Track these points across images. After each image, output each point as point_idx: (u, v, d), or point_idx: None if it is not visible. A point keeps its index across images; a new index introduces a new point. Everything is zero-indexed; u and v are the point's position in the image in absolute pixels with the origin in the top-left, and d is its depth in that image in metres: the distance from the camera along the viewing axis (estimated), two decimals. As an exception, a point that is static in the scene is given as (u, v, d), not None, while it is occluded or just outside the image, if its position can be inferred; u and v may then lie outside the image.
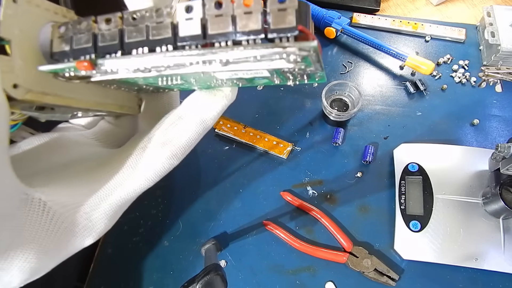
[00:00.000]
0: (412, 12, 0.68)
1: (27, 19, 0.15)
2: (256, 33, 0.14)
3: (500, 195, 0.42)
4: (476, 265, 0.44)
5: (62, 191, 0.17)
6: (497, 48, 0.56)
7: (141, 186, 0.19)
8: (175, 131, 0.18)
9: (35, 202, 0.15)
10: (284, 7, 0.13)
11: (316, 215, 0.48)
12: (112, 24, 0.16)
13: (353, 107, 0.53)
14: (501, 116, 0.55)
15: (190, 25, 0.15)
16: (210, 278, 0.34)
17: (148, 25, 0.15)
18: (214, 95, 0.19)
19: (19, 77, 0.15)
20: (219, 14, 0.14)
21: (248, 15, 0.14)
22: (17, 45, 0.15)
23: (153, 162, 0.18)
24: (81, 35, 0.16)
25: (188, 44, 0.15)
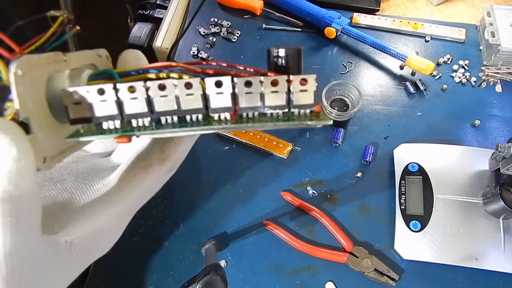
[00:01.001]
0: (412, 12, 0.68)
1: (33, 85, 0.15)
2: (281, 108, 0.17)
3: (500, 195, 0.42)
4: (476, 265, 0.44)
5: (81, 225, 0.18)
6: (497, 48, 0.56)
7: (145, 199, 0.21)
8: (171, 147, 0.20)
9: (63, 245, 0.17)
10: (305, 89, 0.16)
11: (316, 215, 0.48)
12: (137, 93, 0.16)
13: (353, 107, 0.53)
14: (501, 116, 0.55)
15: (221, 98, 0.16)
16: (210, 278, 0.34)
17: (177, 96, 0.16)
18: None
19: (44, 149, 0.15)
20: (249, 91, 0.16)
21: (275, 94, 0.16)
22: (35, 119, 0.15)
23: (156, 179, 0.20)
24: (103, 102, 0.16)
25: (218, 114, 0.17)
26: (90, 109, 0.16)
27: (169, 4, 0.67)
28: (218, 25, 0.66)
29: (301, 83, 0.16)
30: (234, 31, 0.65)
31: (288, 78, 0.16)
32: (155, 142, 0.20)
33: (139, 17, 0.68)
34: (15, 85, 0.14)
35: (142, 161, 0.20)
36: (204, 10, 0.66)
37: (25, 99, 0.14)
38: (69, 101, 0.16)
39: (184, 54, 0.63)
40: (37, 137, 0.15)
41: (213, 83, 0.16)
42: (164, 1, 0.68)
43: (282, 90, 0.16)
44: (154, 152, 0.20)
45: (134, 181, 0.20)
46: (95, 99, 0.16)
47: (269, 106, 0.16)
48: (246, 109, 0.16)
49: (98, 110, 0.16)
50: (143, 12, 0.68)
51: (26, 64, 0.15)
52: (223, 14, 0.67)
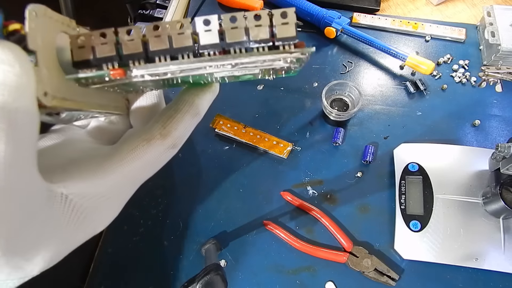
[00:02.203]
0: (412, 12, 0.68)
1: (45, 30, 0.17)
2: (265, 41, 0.18)
3: (500, 195, 0.42)
4: (476, 265, 0.44)
5: (80, 183, 0.18)
6: (497, 48, 0.56)
7: (148, 175, 0.22)
8: (173, 123, 0.21)
9: (58, 196, 0.17)
10: (286, 21, 0.17)
11: (316, 215, 0.48)
12: (134, 34, 0.18)
13: (353, 107, 0.53)
14: (501, 116, 0.55)
15: (209, 35, 0.18)
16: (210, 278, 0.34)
17: (170, 35, 0.18)
18: (203, 90, 0.22)
19: (47, 85, 0.16)
20: (235, 26, 0.18)
21: (259, 27, 0.18)
22: (41, 56, 0.16)
23: (158, 153, 0.21)
24: (104, 45, 0.17)
25: (208, 51, 0.18)
26: (92, 52, 0.17)
27: (169, 4, 0.67)
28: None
29: (282, 16, 0.17)
30: (234, 31, 0.65)
31: (269, 12, 0.17)
32: (157, 119, 0.21)
33: (139, 17, 0.68)
34: (28, 20, 0.15)
35: (144, 134, 0.20)
36: (204, 10, 0.66)
37: (35, 35, 0.16)
38: (74, 45, 0.17)
39: (184, 54, 0.63)
40: (41, 71, 0.16)
41: (202, 21, 0.18)
42: (164, 1, 0.68)
43: (265, 24, 0.17)
44: (156, 128, 0.21)
45: (135, 152, 0.20)
46: (97, 42, 0.17)
47: (254, 40, 0.18)
48: (232, 44, 0.18)
49: (99, 52, 0.17)
50: (143, 12, 0.68)
51: (41, 10, 0.16)
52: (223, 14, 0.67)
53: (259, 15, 0.17)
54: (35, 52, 0.16)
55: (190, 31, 0.18)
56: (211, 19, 0.18)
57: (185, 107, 0.21)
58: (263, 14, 0.17)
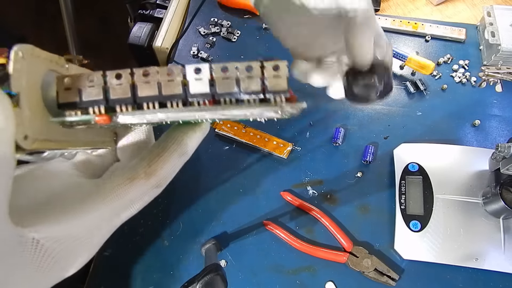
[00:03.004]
0: (412, 12, 0.68)
1: (31, 70, 0.17)
2: (256, 93, 0.17)
3: (500, 195, 0.42)
4: (476, 265, 0.44)
5: (52, 225, 0.17)
6: (497, 48, 0.56)
7: (128, 214, 0.20)
8: (159, 162, 0.20)
9: (29, 241, 0.16)
10: (278, 74, 0.17)
11: (316, 215, 0.48)
12: (123, 79, 0.17)
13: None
14: (501, 116, 0.55)
15: (199, 84, 0.17)
16: (210, 278, 0.34)
17: (159, 81, 0.17)
18: (193, 129, 0.21)
19: (28, 128, 0.16)
20: (226, 77, 0.17)
21: (250, 79, 0.17)
22: (25, 97, 0.16)
23: (141, 192, 0.20)
24: (91, 88, 0.17)
25: (197, 100, 0.18)
26: (78, 94, 0.17)
27: (169, 4, 0.67)
28: (218, 25, 0.66)
29: (274, 69, 0.17)
30: (234, 31, 0.65)
31: (261, 64, 0.17)
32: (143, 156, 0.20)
33: (139, 17, 0.68)
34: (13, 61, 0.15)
35: (128, 172, 0.20)
36: (204, 10, 0.66)
37: (19, 76, 0.15)
38: (60, 86, 0.17)
39: (184, 54, 0.63)
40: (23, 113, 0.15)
41: (193, 69, 0.17)
42: (164, 1, 0.68)
43: (257, 75, 0.17)
44: (141, 166, 0.20)
45: (117, 191, 0.19)
46: (84, 84, 0.17)
47: (245, 91, 0.17)
48: (223, 95, 0.17)
49: (86, 95, 0.17)
50: (143, 12, 0.68)
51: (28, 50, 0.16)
52: (223, 14, 0.67)
53: (250, 66, 0.17)
54: (18, 94, 0.15)
55: (180, 79, 0.17)
56: (202, 68, 0.17)
57: (173, 145, 0.21)
58: (255, 66, 0.17)
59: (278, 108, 0.18)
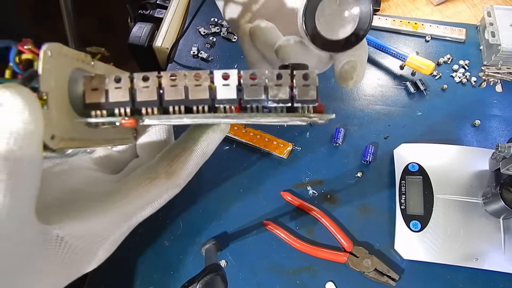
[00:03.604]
0: (412, 12, 0.68)
1: (59, 69, 0.16)
2: (284, 102, 0.17)
3: (500, 195, 0.42)
4: (476, 265, 0.44)
5: (76, 223, 0.17)
6: (497, 48, 0.56)
7: (147, 213, 0.21)
8: (179, 163, 0.20)
9: (53, 239, 0.16)
10: (308, 83, 0.17)
11: (316, 215, 0.48)
12: (150, 81, 0.17)
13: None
14: (501, 116, 0.55)
15: (227, 90, 0.17)
16: (210, 278, 0.34)
17: (186, 86, 0.17)
18: (213, 130, 0.21)
19: (55, 127, 0.16)
20: (254, 83, 0.17)
21: (278, 87, 0.17)
22: (53, 97, 0.16)
23: (161, 192, 0.20)
24: (117, 89, 0.17)
25: (224, 106, 0.17)
26: (105, 95, 0.17)
27: (169, 4, 0.67)
28: (218, 25, 0.66)
29: (304, 78, 0.17)
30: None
31: (291, 72, 0.17)
32: (164, 156, 0.21)
33: (139, 17, 0.68)
34: (42, 60, 0.15)
35: (149, 172, 0.20)
36: (204, 10, 0.66)
37: (48, 76, 0.15)
38: (87, 87, 0.17)
39: (184, 54, 0.63)
40: (51, 113, 0.15)
41: (221, 75, 0.17)
42: (164, 1, 0.68)
43: (286, 83, 0.17)
44: (162, 166, 0.20)
45: (138, 190, 0.19)
46: (111, 85, 0.17)
47: (273, 100, 0.17)
48: (250, 101, 0.17)
49: (112, 96, 0.17)
50: (143, 12, 0.68)
51: (56, 48, 0.16)
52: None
53: (280, 74, 0.17)
54: (47, 94, 0.15)
55: (208, 83, 0.17)
56: (230, 73, 0.17)
57: (193, 146, 0.21)
58: (284, 74, 0.17)
59: (306, 118, 0.17)
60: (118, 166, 0.23)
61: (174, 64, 0.62)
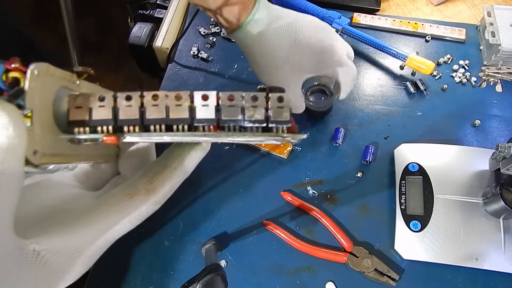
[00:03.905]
0: (412, 12, 0.68)
1: (44, 87, 0.17)
2: (260, 122, 0.18)
3: (501, 195, 0.42)
4: (476, 265, 0.44)
5: (53, 238, 0.18)
6: (497, 48, 0.56)
7: (126, 229, 0.21)
8: (159, 180, 0.21)
9: (30, 253, 0.17)
10: (282, 105, 0.18)
11: (316, 215, 0.48)
12: (133, 101, 0.18)
13: (331, 95, 0.51)
14: (501, 116, 0.55)
15: (206, 110, 0.18)
16: (210, 278, 0.34)
17: (168, 105, 0.18)
18: (194, 148, 0.22)
19: (38, 143, 0.16)
20: (232, 105, 0.18)
21: (254, 108, 0.18)
22: (37, 114, 0.17)
23: (139, 209, 0.21)
24: (101, 108, 0.18)
25: (203, 125, 0.18)
26: (88, 113, 0.18)
27: (169, 4, 0.67)
28: (218, 25, 0.66)
29: (278, 100, 0.18)
30: (234, 31, 0.65)
31: (266, 95, 0.18)
32: (144, 173, 0.21)
33: (139, 17, 0.68)
34: (29, 79, 0.16)
35: (129, 188, 0.20)
36: (204, 10, 0.66)
37: (33, 94, 0.16)
38: (72, 104, 0.18)
39: (184, 54, 0.63)
40: (35, 130, 0.16)
41: (200, 96, 0.18)
42: (164, 1, 0.68)
43: (261, 105, 0.18)
44: (142, 183, 0.20)
45: (118, 206, 0.20)
46: (95, 104, 0.18)
47: (249, 120, 0.18)
48: (227, 121, 0.18)
49: (96, 114, 0.18)
50: (143, 12, 0.68)
51: (43, 68, 0.17)
52: (223, 14, 0.67)
53: (256, 96, 0.18)
54: (32, 111, 0.16)
55: (188, 104, 0.18)
56: (210, 94, 0.18)
57: (174, 163, 0.21)
58: (260, 96, 0.18)
59: (279, 137, 0.19)
60: (99, 183, 0.24)
61: (174, 64, 0.62)
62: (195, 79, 0.61)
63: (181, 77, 0.61)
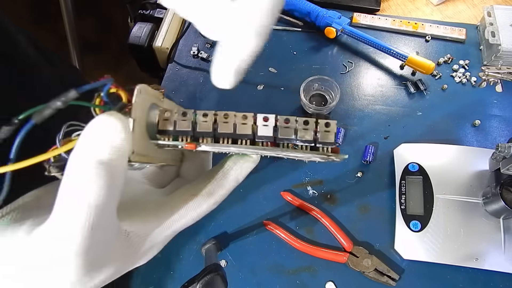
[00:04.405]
0: (412, 12, 0.68)
1: (143, 103, 0.22)
2: (309, 142, 0.22)
3: (501, 195, 0.42)
4: (476, 265, 0.44)
5: (138, 223, 0.23)
6: (497, 48, 0.56)
7: (189, 223, 0.26)
8: (217, 185, 0.26)
9: (123, 233, 0.21)
10: (329, 130, 0.22)
11: (316, 215, 0.48)
12: (208, 117, 0.22)
13: (332, 101, 0.54)
14: (501, 116, 0.55)
15: (266, 129, 0.22)
16: (210, 278, 0.34)
17: (235, 123, 0.22)
18: (247, 160, 0.27)
19: (135, 145, 0.21)
20: (287, 126, 0.22)
21: (305, 130, 0.22)
22: (137, 123, 0.21)
23: (201, 207, 0.25)
24: (183, 121, 0.22)
25: (262, 141, 0.22)
26: (173, 125, 0.22)
27: (169, 4, 0.67)
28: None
29: (325, 125, 0.22)
30: (234, 31, 0.65)
31: (316, 120, 0.22)
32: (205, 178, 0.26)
33: (139, 17, 0.68)
34: (135, 96, 0.21)
35: (193, 190, 0.25)
36: (204, 10, 0.66)
37: (137, 107, 0.21)
38: (161, 117, 0.23)
39: (184, 54, 0.63)
40: (134, 134, 0.21)
41: (262, 118, 0.22)
42: (164, 1, 0.68)
43: (311, 129, 0.22)
44: (203, 186, 0.25)
45: (183, 204, 0.25)
46: (178, 118, 0.22)
47: (300, 139, 0.22)
48: (282, 139, 0.22)
49: (179, 126, 0.22)
50: (143, 12, 0.68)
51: (144, 87, 0.22)
52: (223, 14, 0.67)
53: (307, 121, 0.22)
54: (134, 120, 0.21)
55: (251, 123, 0.22)
56: (269, 117, 0.22)
57: (230, 172, 0.26)
58: (311, 121, 0.22)
59: (325, 156, 0.22)
60: (163, 182, 0.29)
61: (174, 64, 0.62)
62: (195, 79, 0.61)
63: (181, 77, 0.61)
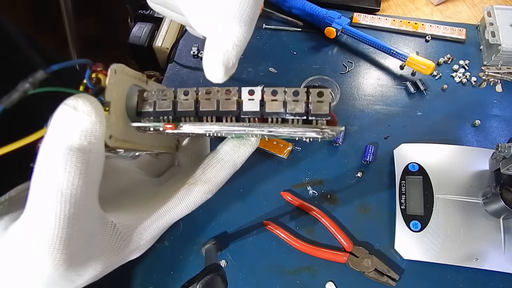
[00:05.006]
0: (412, 12, 0.68)
1: (120, 84, 0.21)
2: (300, 115, 0.20)
3: (501, 195, 0.42)
4: (476, 265, 0.44)
5: (126, 214, 0.22)
6: (497, 48, 0.56)
7: (183, 213, 0.24)
8: (213, 172, 0.24)
9: (109, 224, 0.20)
10: (322, 100, 0.19)
11: (316, 215, 0.48)
12: (190, 95, 0.21)
13: (332, 101, 0.54)
14: (501, 116, 0.55)
15: (251, 104, 0.20)
16: (210, 278, 0.34)
17: (218, 99, 0.20)
18: (244, 144, 0.25)
19: (113, 129, 0.20)
20: (275, 99, 0.20)
21: (296, 102, 0.20)
22: (113, 105, 0.20)
23: (195, 196, 0.24)
24: (163, 101, 0.21)
25: (248, 117, 0.20)
26: (153, 105, 0.21)
27: (169, 4, 0.67)
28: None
29: (318, 95, 0.19)
30: (234, 31, 0.65)
31: (307, 90, 0.19)
32: (200, 165, 0.24)
33: (139, 17, 0.68)
34: (109, 76, 0.19)
35: (187, 178, 0.24)
36: (204, 10, 0.66)
37: (111, 89, 0.20)
38: (140, 98, 0.21)
39: (184, 54, 0.63)
40: (111, 117, 0.19)
41: (247, 91, 0.20)
42: (164, 1, 0.68)
43: (302, 100, 0.19)
44: (198, 174, 0.24)
45: (178, 193, 0.23)
46: (158, 98, 0.21)
47: (290, 113, 0.20)
48: (270, 114, 0.20)
49: (159, 106, 0.21)
50: (143, 12, 0.68)
51: (120, 67, 0.20)
52: (223, 14, 0.67)
53: (297, 91, 0.20)
54: (109, 102, 0.19)
55: (236, 98, 0.20)
56: (255, 90, 0.20)
57: (225, 157, 0.24)
58: (301, 91, 0.20)
59: (318, 129, 0.20)
60: (158, 171, 0.28)
61: (174, 64, 0.62)
62: (195, 79, 0.61)
63: (181, 77, 0.61)
